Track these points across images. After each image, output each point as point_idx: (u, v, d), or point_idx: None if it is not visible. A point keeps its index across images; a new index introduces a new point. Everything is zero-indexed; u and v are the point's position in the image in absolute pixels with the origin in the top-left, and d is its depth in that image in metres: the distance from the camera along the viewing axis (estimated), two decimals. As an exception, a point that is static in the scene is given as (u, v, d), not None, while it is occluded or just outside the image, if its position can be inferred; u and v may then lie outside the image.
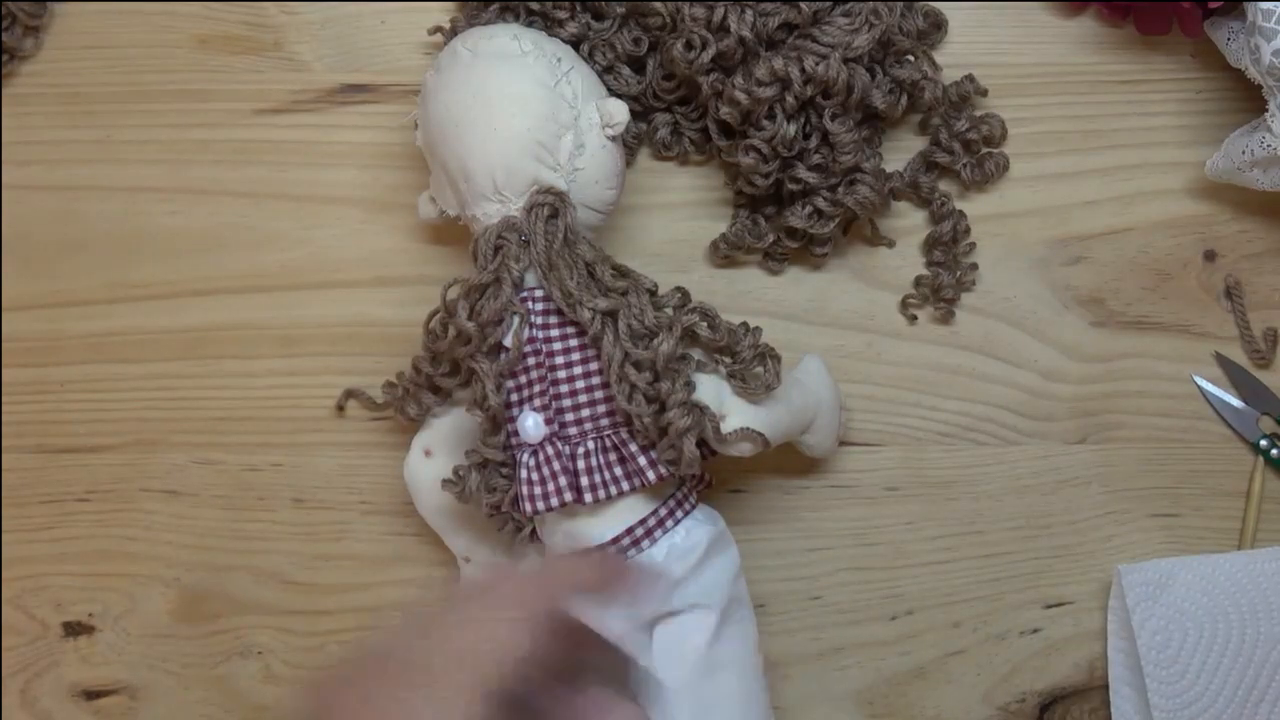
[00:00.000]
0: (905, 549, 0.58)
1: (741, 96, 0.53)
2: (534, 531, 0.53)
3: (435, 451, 0.54)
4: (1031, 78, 0.59)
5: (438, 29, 0.58)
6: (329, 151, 0.60)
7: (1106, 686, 0.57)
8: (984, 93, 0.58)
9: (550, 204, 0.50)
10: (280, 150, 0.60)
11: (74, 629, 0.59)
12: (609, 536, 0.50)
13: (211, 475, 0.59)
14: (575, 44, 0.56)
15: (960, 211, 0.58)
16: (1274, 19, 0.51)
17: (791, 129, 0.53)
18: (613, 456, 0.50)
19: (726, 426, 0.49)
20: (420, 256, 0.59)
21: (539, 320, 0.50)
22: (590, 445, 0.50)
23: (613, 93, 0.56)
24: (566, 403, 0.50)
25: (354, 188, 0.60)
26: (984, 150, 0.58)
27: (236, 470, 0.59)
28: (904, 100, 0.56)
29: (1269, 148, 0.53)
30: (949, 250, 0.58)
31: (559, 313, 0.50)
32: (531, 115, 0.49)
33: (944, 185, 0.58)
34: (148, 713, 0.59)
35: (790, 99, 0.53)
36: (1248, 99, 0.57)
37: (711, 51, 0.54)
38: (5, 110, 0.60)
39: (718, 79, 0.54)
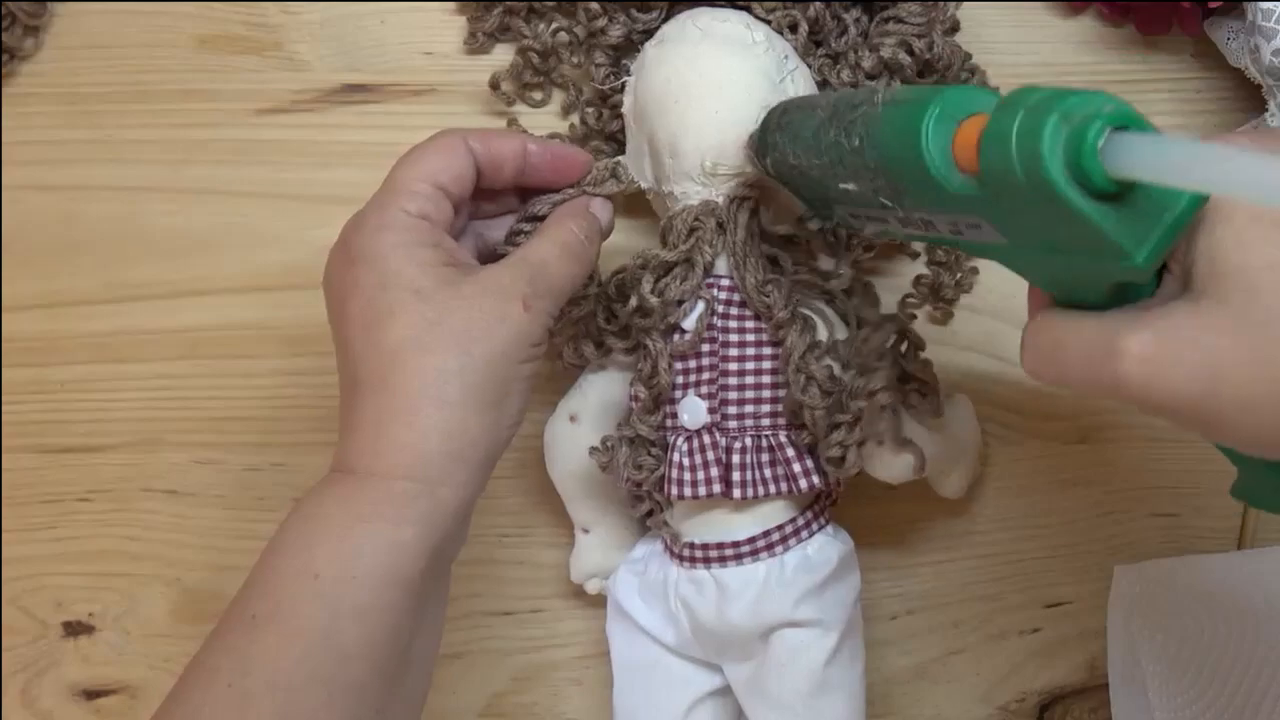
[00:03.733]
0: (905, 549, 0.58)
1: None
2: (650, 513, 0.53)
3: (581, 418, 0.54)
4: (1031, 78, 0.58)
5: None
6: (329, 151, 0.60)
7: (1106, 686, 0.57)
8: (995, 91, 0.58)
9: (756, 198, 0.50)
10: (280, 150, 0.60)
11: (74, 629, 0.59)
12: (745, 536, 0.50)
13: (211, 475, 0.59)
14: (624, 44, 0.56)
15: None
16: (1274, 19, 0.51)
17: None
18: (765, 458, 0.50)
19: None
20: (420, 256, 0.59)
21: (720, 309, 0.50)
22: (747, 442, 0.50)
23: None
24: (732, 395, 0.50)
25: (354, 188, 0.59)
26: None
27: (236, 470, 0.59)
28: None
29: (1269, 148, 0.53)
30: (953, 251, 0.58)
31: (742, 304, 0.50)
32: (754, 107, 0.49)
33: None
34: (148, 713, 0.58)
35: (898, 86, 0.53)
36: (1248, 99, 0.57)
37: (804, 27, 0.53)
38: (5, 110, 0.60)
39: (824, 63, 0.53)
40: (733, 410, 0.50)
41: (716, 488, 0.49)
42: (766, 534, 0.50)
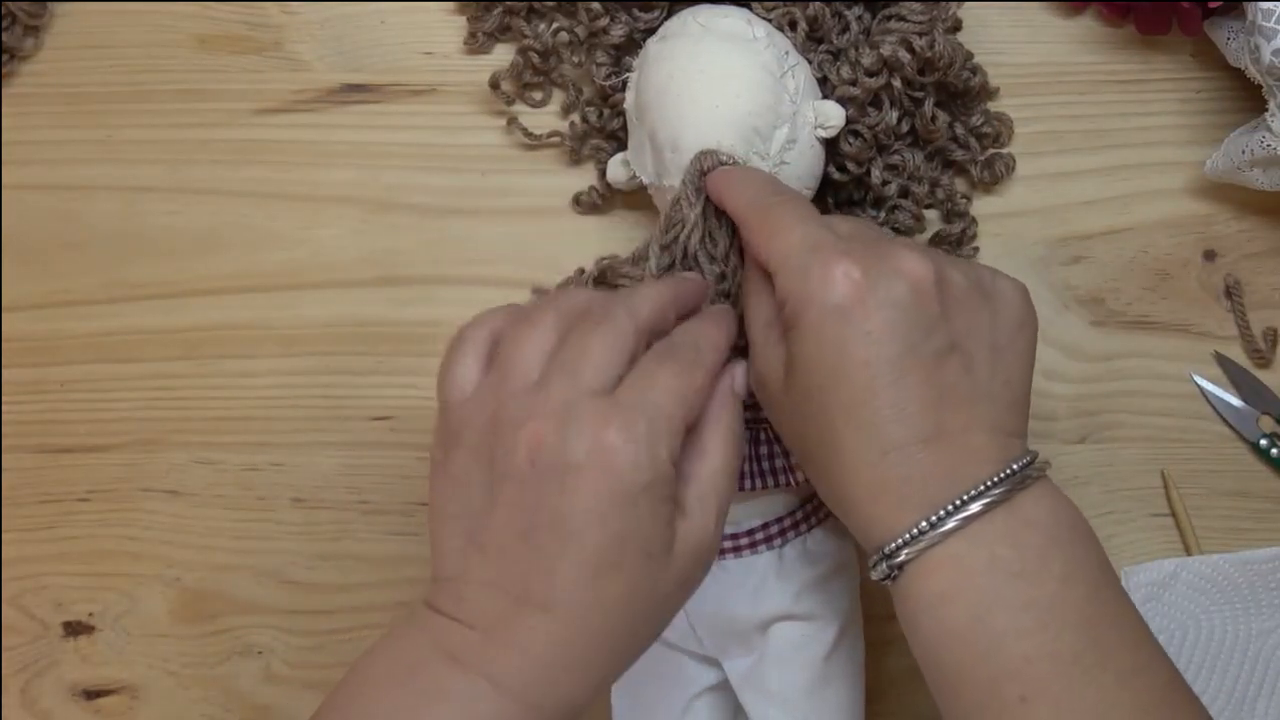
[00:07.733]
0: (905, 549, 0.58)
1: (856, 92, 0.52)
2: None
3: None
4: (1031, 78, 0.59)
5: None
6: (329, 151, 0.60)
7: (1106, 686, 0.57)
8: (995, 90, 0.58)
9: None
10: (280, 150, 0.60)
11: (74, 629, 0.59)
12: (745, 528, 0.50)
13: (211, 475, 0.59)
14: (626, 43, 0.56)
15: (972, 216, 0.58)
16: (1274, 19, 0.51)
17: (894, 116, 0.53)
18: (765, 450, 0.50)
19: None
20: (421, 256, 0.59)
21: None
22: (747, 435, 0.50)
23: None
24: None
25: (354, 188, 0.60)
26: (991, 151, 0.58)
27: (236, 470, 0.59)
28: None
29: (1269, 147, 0.53)
30: (953, 251, 0.57)
31: None
32: (755, 101, 0.50)
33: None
34: (148, 713, 0.59)
35: (898, 84, 0.53)
36: (1248, 99, 0.57)
37: (803, 25, 0.53)
38: (5, 110, 0.60)
39: (824, 60, 0.54)
40: None
41: None
42: (765, 526, 0.50)
